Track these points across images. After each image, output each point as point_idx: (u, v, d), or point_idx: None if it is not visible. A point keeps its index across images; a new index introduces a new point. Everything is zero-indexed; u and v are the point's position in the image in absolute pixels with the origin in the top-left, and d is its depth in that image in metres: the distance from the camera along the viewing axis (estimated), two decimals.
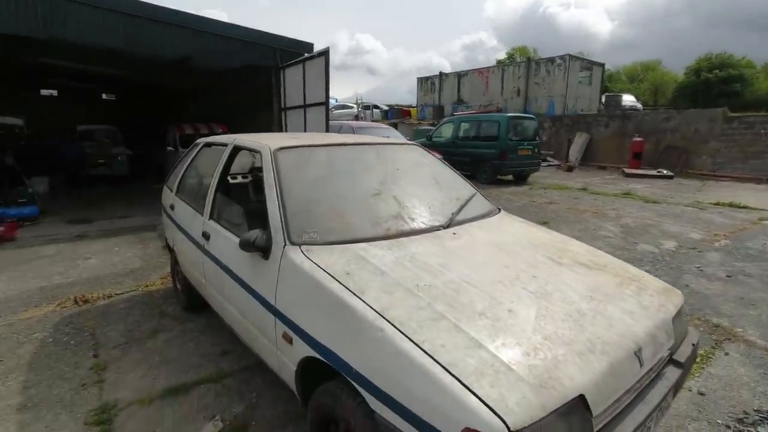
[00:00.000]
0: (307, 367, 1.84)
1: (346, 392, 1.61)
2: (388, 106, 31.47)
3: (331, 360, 1.63)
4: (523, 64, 24.18)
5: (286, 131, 7.98)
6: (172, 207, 3.50)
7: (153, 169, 11.34)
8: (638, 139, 14.28)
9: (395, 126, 16.68)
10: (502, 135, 11.34)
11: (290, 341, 1.86)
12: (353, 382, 1.54)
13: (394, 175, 2.67)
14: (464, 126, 12.74)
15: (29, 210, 6.69)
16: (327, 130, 6.41)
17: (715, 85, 30.63)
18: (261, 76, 8.54)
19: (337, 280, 1.73)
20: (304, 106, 7.14)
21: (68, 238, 6.07)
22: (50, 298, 4.04)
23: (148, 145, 12.49)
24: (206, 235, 2.70)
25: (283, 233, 2.01)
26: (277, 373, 2.13)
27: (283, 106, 7.97)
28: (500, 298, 1.66)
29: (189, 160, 3.47)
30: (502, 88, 24.95)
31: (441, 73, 28.92)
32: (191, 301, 3.67)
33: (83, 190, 9.95)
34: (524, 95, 23.82)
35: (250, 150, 2.69)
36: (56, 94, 14.31)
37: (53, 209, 7.52)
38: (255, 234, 2.03)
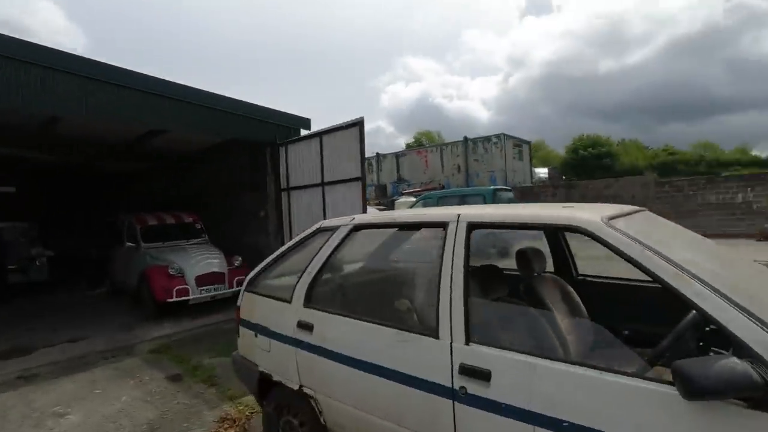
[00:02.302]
0: None
1: None
2: None
3: None
4: (461, 143, 25.57)
5: (289, 214, 6.81)
6: (306, 327, 2.22)
7: (88, 271, 9.11)
8: None
9: None
10: None
11: None
12: None
13: None
14: (443, 202, 12.55)
15: None
16: (365, 210, 5.46)
17: (590, 160, 34.68)
18: (245, 154, 7.44)
19: None
20: (322, 185, 6.15)
21: (9, 382, 4.09)
22: None
23: (78, 242, 10.21)
24: (474, 372, 1.58)
25: None
26: None
27: (285, 186, 6.85)
28: None
29: (326, 254, 2.30)
30: (442, 165, 25.97)
31: (378, 154, 29.60)
32: None
33: None
34: (465, 171, 24.96)
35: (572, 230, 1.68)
36: None
37: None
38: (751, 369, 1.07)
